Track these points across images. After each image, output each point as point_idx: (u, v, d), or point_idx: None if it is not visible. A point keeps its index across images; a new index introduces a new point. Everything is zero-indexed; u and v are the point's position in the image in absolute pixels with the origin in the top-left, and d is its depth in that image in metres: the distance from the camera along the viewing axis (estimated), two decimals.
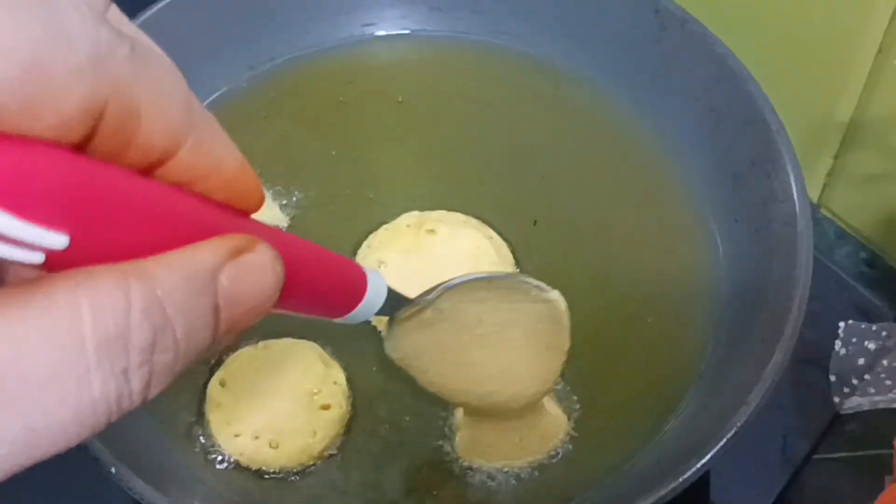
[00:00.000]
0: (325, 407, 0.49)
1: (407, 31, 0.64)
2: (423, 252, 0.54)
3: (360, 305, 0.34)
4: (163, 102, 0.20)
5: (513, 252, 0.55)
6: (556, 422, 0.50)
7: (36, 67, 0.17)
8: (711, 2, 0.60)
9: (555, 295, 0.43)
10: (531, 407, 0.48)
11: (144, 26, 0.57)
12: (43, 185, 0.17)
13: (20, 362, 0.17)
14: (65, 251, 0.18)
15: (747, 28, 0.59)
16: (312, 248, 0.29)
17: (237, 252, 0.22)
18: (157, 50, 0.21)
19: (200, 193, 0.22)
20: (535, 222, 0.57)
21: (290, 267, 0.24)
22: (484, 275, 0.43)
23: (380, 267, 0.53)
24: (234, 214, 0.23)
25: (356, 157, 0.59)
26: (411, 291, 0.52)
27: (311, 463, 0.49)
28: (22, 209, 0.17)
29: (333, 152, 0.60)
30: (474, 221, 0.55)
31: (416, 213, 0.56)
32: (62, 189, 0.17)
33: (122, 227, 0.19)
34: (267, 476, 0.49)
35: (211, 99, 0.61)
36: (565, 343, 0.45)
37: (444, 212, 0.56)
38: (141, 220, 0.20)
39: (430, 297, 0.41)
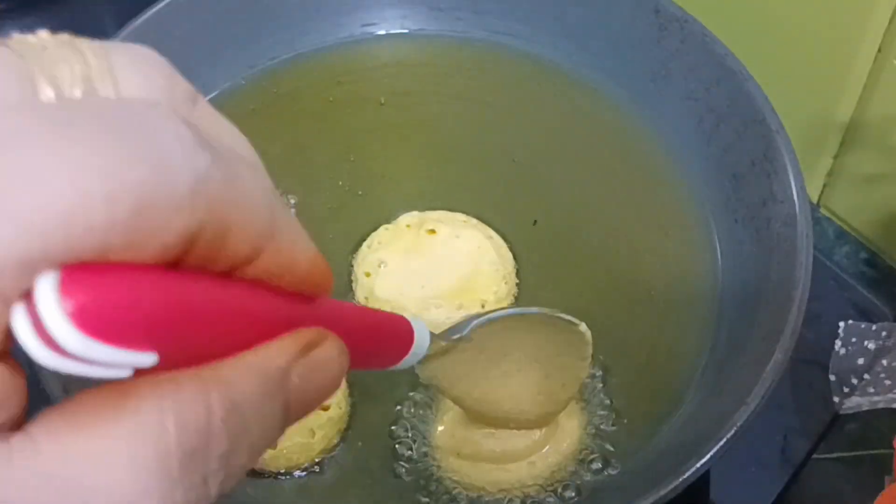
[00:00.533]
0: (325, 408, 0.49)
1: (407, 31, 0.64)
2: (424, 252, 0.54)
3: (407, 356, 0.35)
4: (250, 214, 0.20)
5: (513, 252, 0.55)
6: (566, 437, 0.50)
7: (143, 210, 0.17)
8: (711, 2, 0.60)
9: (583, 328, 0.44)
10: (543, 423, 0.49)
11: (144, 26, 0.57)
12: (137, 315, 0.18)
13: (110, 482, 0.18)
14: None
15: (747, 28, 0.59)
16: (367, 315, 0.31)
17: (308, 348, 0.22)
18: (245, 150, 0.21)
19: (274, 284, 0.22)
20: (535, 222, 0.57)
21: (350, 340, 0.25)
22: (516, 310, 0.44)
23: (380, 267, 0.53)
24: (303, 299, 0.24)
25: (356, 156, 0.60)
26: (411, 292, 0.52)
27: (310, 463, 0.49)
28: (117, 339, 0.17)
29: (333, 152, 0.60)
30: (474, 221, 0.55)
31: (415, 213, 0.56)
32: (154, 314, 0.18)
33: (204, 336, 0.20)
34: (266, 476, 0.49)
35: (210, 98, 0.61)
36: (585, 372, 0.47)
37: (444, 212, 0.56)
38: (221, 326, 0.20)
39: (464, 333, 0.42)
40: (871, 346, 0.59)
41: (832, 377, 0.58)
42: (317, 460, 0.49)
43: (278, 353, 0.22)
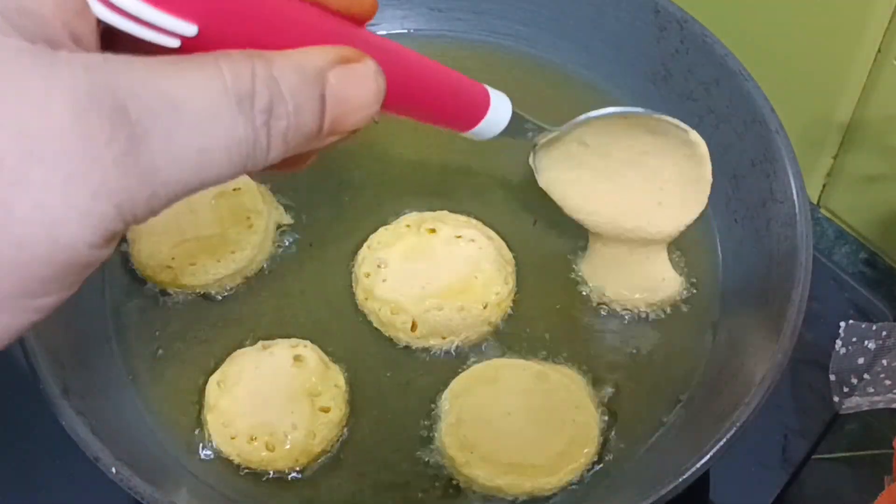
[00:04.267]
0: (325, 409, 0.49)
1: (407, 31, 0.64)
2: (424, 252, 0.53)
3: (482, 122, 0.39)
4: None
5: (513, 252, 0.55)
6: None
7: None
8: (711, 2, 0.60)
9: (694, 134, 0.46)
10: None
11: None
12: None
13: (192, 99, 0.23)
14: (196, 39, 0.23)
15: (747, 28, 0.59)
16: (428, 64, 0.34)
17: (346, 60, 0.26)
18: None
19: (318, 3, 0.27)
20: (535, 222, 0.57)
21: (402, 76, 0.30)
22: (622, 109, 0.46)
23: (380, 267, 0.53)
24: (348, 27, 0.28)
25: (356, 157, 0.59)
26: (412, 292, 0.52)
27: (310, 464, 0.49)
28: (160, 2, 0.22)
29: (333, 152, 0.60)
30: (475, 221, 0.55)
31: (415, 213, 0.56)
32: None
33: (245, 27, 0.25)
34: (265, 477, 0.49)
35: None
36: (707, 175, 0.48)
37: (444, 212, 0.56)
38: (262, 21, 0.25)
39: (563, 127, 0.45)
40: (871, 346, 0.59)
41: (832, 377, 0.58)
42: (317, 460, 0.49)
43: (316, 53, 0.26)
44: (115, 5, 0.22)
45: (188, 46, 0.23)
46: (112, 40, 0.24)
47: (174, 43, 0.23)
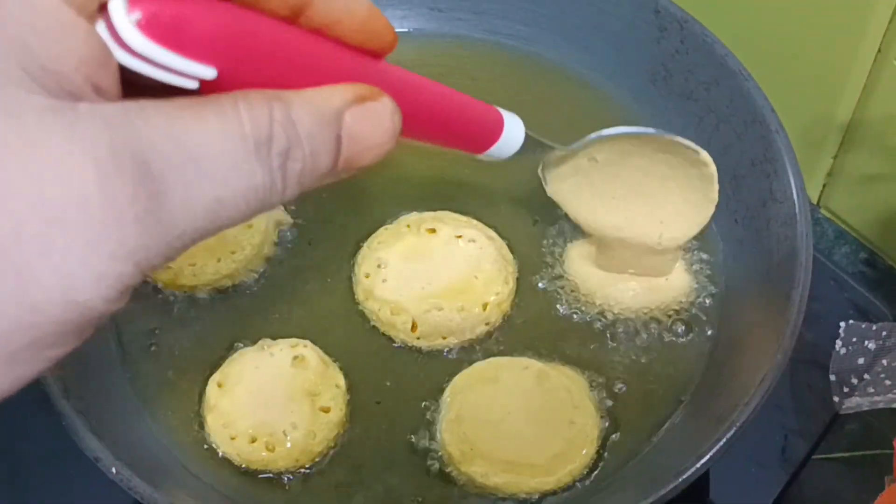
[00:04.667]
0: (325, 409, 0.49)
1: (407, 31, 0.64)
2: (424, 252, 0.53)
3: (495, 145, 0.39)
4: None
5: (513, 252, 0.55)
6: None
7: None
8: (711, 2, 0.60)
9: (704, 155, 0.47)
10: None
11: None
12: (196, 31, 0.23)
13: (212, 149, 0.23)
14: (215, 82, 0.24)
15: (747, 28, 0.59)
16: (443, 92, 0.34)
17: (362, 99, 0.26)
18: None
19: (337, 38, 0.27)
20: (535, 222, 0.57)
21: (418, 107, 0.31)
22: (634, 129, 0.47)
23: (380, 267, 0.53)
24: (366, 61, 0.28)
25: None
26: (412, 292, 0.52)
27: (310, 464, 0.49)
28: (179, 47, 0.23)
29: None
30: (475, 221, 0.55)
31: (415, 213, 0.56)
32: (211, 31, 0.23)
33: (263, 67, 0.25)
34: (265, 477, 0.49)
35: None
36: (714, 194, 0.49)
37: (444, 212, 0.56)
38: (280, 61, 0.25)
39: (574, 145, 0.47)
40: (871, 346, 0.59)
41: (832, 377, 0.58)
42: (317, 461, 0.49)
43: (333, 93, 0.26)
44: (136, 52, 0.22)
45: (207, 88, 0.24)
46: (130, 81, 0.24)
47: (193, 85, 0.24)
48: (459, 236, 0.54)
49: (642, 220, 0.51)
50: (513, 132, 0.40)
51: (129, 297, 0.23)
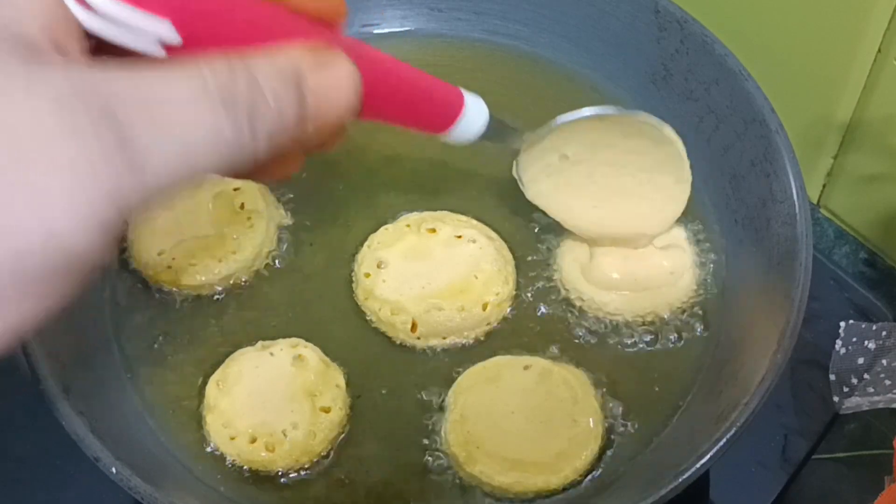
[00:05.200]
0: (326, 409, 0.49)
1: (407, 31, 0.64)
2: (424, 252, 0.53)
3: (456, 123, 0.39)
4: None
5: (513, 252, 0.55)
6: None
7: None
8: (711, 2, 0.60)
9: (668, 130, 0.48)
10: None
11: None
12: None
13: (175, 98, 0.24)
14: (180, 49, 0.24)
15: (747, 28, 0.59)
16: (399, 64, 0.34)
17: (320, 56, 0.28)
18: None
19: (293, 7, 0.29)
20: (534, 222, 0.56)
21: (371, 75, 0.30)
22: (594, 110, 0.48)
23: (380, 267, 0.53)
24: (321, 29, 0.29)
25: (356, 157, 0.59)
26: (412, 292, 0.52)
27: (311, 463, 0.49)
28: (143, 4, 0.24)
29: (333, 152, 0.60)
30: (475, 221, 0.55)
31: (415, 213, 0.56)
32: None
33: (224, 31, 0.26)
34: (265, 477, 0.49)
35: None
36: (686, 174, 0.50)
37: (444, 212, 0.56)
38: (238, 22, 0.26)
39: (538, 131, 0.47)
40: (871, 346, 0.59)
41: (832, 377, 0.58)
42: (317, 461, 0.49)
43: (292, 52, 0.27)
44: (92, 7, 0.23)
45: (173, 55, 0.25)
46: (101, 51, 0.25)
47: (160, 52, 0.25)
48: (459, 236, 0.54)
49: (622, 209, 0.51)
50: (475, 111, 0.40)
51: (115, 247, 0.24)
